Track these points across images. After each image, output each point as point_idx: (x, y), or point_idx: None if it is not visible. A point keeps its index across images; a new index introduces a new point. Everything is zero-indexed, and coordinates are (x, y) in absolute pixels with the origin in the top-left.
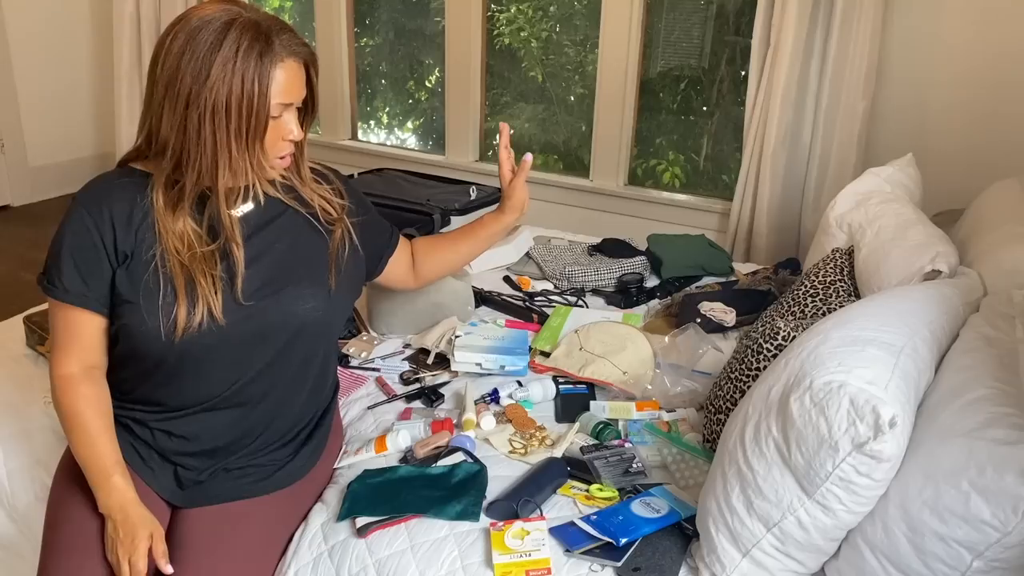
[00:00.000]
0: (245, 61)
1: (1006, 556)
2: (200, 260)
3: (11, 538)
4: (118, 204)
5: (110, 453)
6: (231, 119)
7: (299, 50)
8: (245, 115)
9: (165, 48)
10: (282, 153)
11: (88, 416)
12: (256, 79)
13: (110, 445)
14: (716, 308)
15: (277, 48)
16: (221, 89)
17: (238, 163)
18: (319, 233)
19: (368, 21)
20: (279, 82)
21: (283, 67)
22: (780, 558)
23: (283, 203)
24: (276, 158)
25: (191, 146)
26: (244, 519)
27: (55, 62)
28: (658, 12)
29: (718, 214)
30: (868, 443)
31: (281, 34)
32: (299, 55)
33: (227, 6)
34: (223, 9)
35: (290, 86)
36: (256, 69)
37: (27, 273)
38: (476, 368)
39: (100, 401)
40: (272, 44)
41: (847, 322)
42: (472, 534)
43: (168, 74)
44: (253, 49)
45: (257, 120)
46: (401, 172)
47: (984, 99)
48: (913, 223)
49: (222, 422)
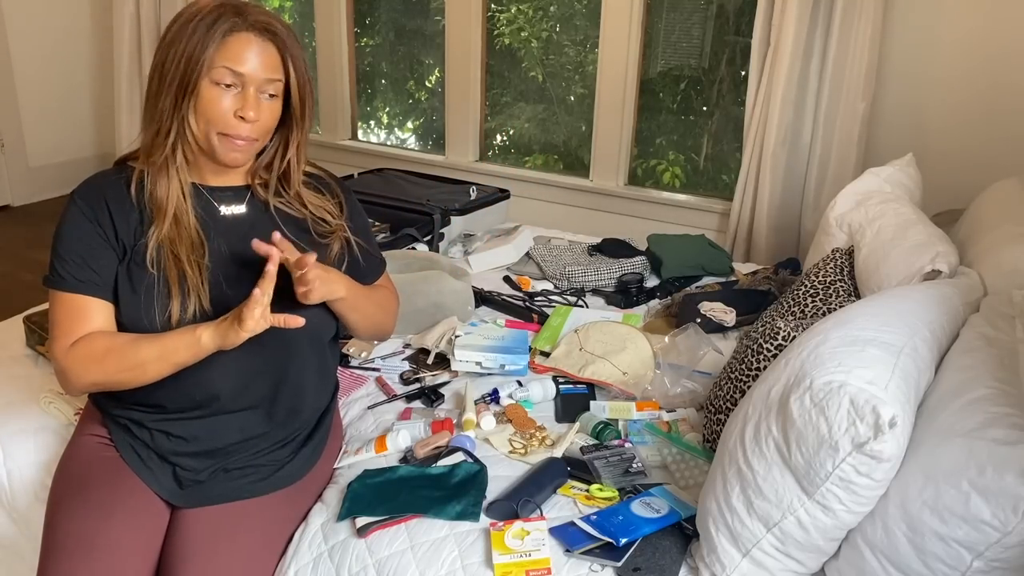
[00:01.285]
0: (200, 22)
1: (1006, 556)
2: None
3: (11, 538)
4: (115, 198)
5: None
6: (168, 73)
7: (265, 28)
8: (182, 70)
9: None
10: (233, 130)
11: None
12: (202, 36)
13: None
14: (716, 308)
15: (236, 19)
16: (173, 48)
17: (167, 121)
18: (313, 240)
19: (368, 21)
20: (231, 47)
21: (241, 37)
22: (780, 558)
23: (280, 208)
24: (223, 133)
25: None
26: (244, 519)
27: (55, 62)
28: (658, 12)
29: (718, 214)
30: (868, 443)
31: (251, 13)
32: (264, 33)
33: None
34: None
35: (245, 56)
36: (206, 27)
37: (27, 273)
38: (476, 368)
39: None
40: (232, 15)
41: (847, 322)
42: (472, 534)
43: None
44: (212, 14)
45: (187, 74)
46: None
47: (984, 99)
48: (913, 223)
49: (221, 424)
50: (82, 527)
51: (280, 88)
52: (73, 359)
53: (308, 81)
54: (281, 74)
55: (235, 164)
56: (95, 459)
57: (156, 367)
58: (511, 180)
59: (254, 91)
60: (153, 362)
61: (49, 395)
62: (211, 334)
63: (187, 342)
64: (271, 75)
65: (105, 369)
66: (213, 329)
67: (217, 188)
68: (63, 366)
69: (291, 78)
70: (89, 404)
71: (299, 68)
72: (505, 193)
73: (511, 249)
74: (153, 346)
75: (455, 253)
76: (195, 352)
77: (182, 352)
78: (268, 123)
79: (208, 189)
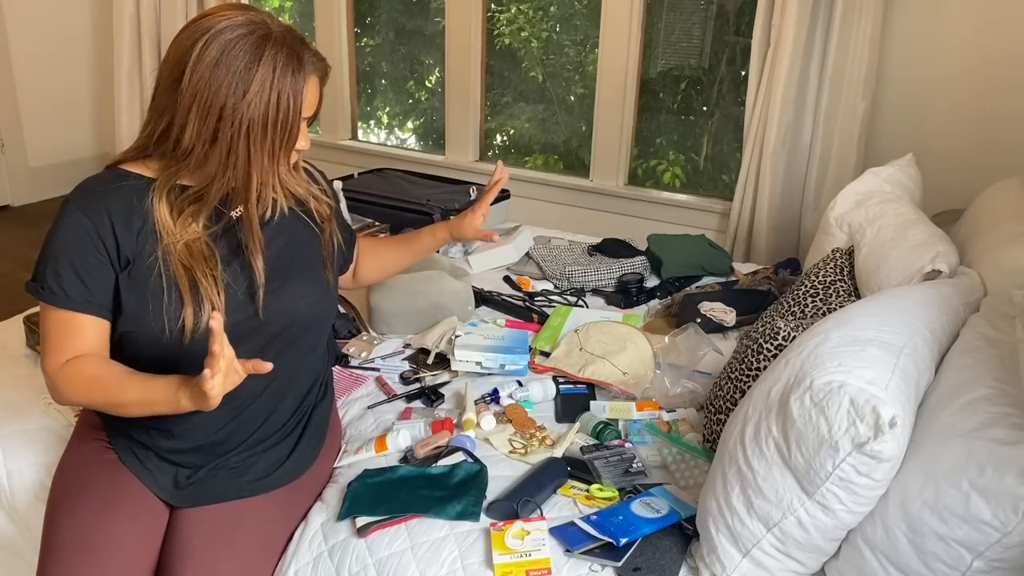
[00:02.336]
0: (283, 79)
1: (1006, 556)
2: (201, 261)
3: (11, 538)
4: (116, 208)
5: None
6: (267, 134)
7: (321, 66)
8: (280, 131)
9: (195, 56)
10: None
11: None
12: (291, 96)
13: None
14: (716, 308)
15: (307, 66)
16: (258, 105)
17: (267, 176)
18: (310, 230)
19: (368, 21)
20: (308, 97)
21: (310, 83)
22: (780, 558)
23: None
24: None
25: (221, 158)
26: (243, 519)
27: (55, 62)
28: (658, 12)
29: (718, 214)
30: (868, 443)
31: (306, 50)
32: (320, 71)
33: (250, 15)
34: (250, 20)
35: (313, 101)
36: (292, 86)
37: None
38: (476, 367)
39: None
40: (303, 62)
41: (847, 322)
42: (472, 534)
43: (199, 84)
44: (288, 67)
45: (290, 136)
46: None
47: (984, 99)
48: (913, 223)
49: (220, 417)
50: (81, 527)
51: None
52: (62, 379)
53: None
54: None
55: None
56: (94, 460)
57: (136, 410)
58: (511, 180)
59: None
60: (134, 406)
61: (49, 396)
62: (189, 399)
63: (168, 400)
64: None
65: (90, 398)
66: (189, 392)
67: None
68: (53, 382)
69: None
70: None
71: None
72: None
73: (511, 249)
74: (135, 392)
75: (455, 253)
76: (174, 410)
77: (162, 407)
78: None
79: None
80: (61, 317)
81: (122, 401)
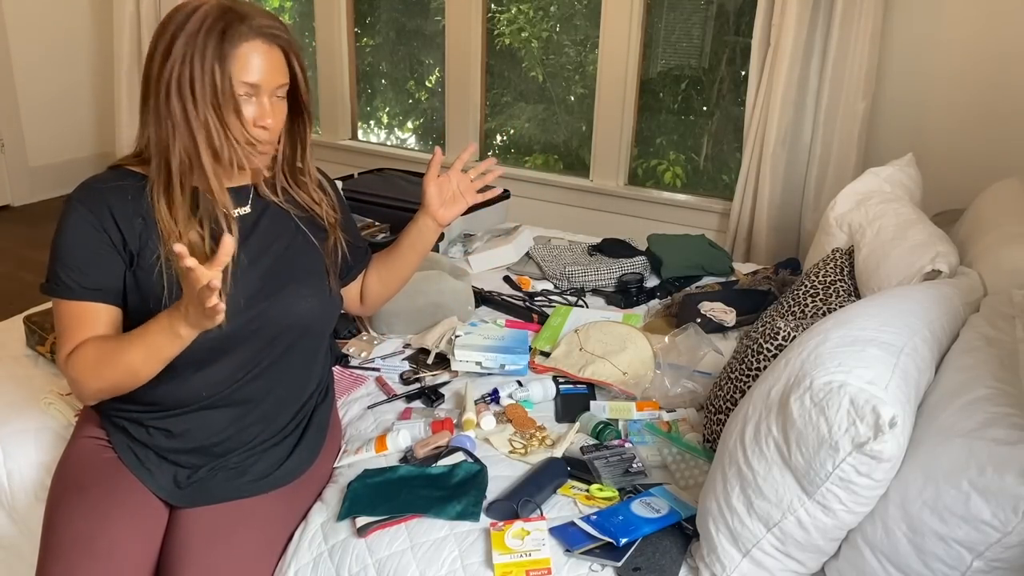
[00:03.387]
0: (207, 37)
1: (1006, 556)
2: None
3: (11, 538)
4: (118, 205)
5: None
6: (196, 93)
7: (270, 32)
8: (210, 90)
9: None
10: (255, 139)
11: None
12: (217, 55)
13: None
14: (716, 308)
15: (243, 28)
16: (184, 68)
17: (218, 138)
18: (311, 236)
19: (368, 21)
20: (244, 61)
21: (250, 47)
22: (780, 558)
23: (277, 205)
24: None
25: (168, 131)
26: (244, 519)
27: (55, 62)
28: (658, 12)
29: (718, 214)
30: (868, 443)
31: (254, 17)
32: (270, 38)
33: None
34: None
35: (257, 67)
36: (217, 44)
37: (27, 273)
38: (476, 367)
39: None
40: (237, 23)
41: (847, 322)
42: (472, 534)
43: (146, 67)
44: (216, 26)
45: (223, 94)
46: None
47: (984, 99)
48: (913, 223)
49: (220, 419)
50: (81, 527)
51: (286, 90)
52: (73, 369)
53: (306, 76)
54: (288, 77)
55: (256, 168)
56: (93, 460)
57: (148, 368)
58: (511, 180)
59: (267, 98)
60: (142, 364)
61: (49, 396)
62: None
63: (168, 337)
64: (281, 80)
65: (102, 376)
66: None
67: None
68: (68, 376)
69: (298, 78)
70: (87, 406)
71: (302, 66)
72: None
73: (511, 249)
74: (138, 349)
75: (455, 253)
76: (179, 345)
77: (166, 349)
78: (280, 124)
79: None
80: (72, 309)
81: (131, 363)
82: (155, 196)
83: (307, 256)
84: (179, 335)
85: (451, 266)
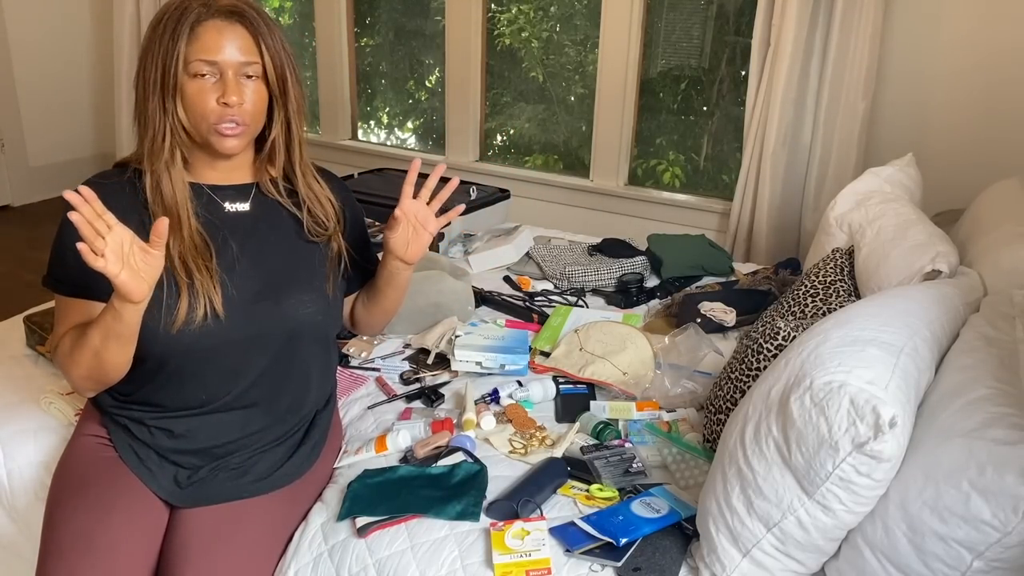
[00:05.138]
0: (168, 20)
1: (1006, 556)
2: (196, 253)
3: (11, 538)
4: (117, 199)
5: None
6: (150, 77)
7: (229, 10)
8: (160, 72)
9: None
10: (222, 119)
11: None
12: (172, 33)
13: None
14: (716, 308)
15: (200, 9)
16: (150, 52)
17: (159, 124)
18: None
19: (368, 21)
20: (201, 38)
21: (209, 25)
22: (780, 558)
23: (279, 205)
24: (214, 124)
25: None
26: (244, 519)
27: (55, 62)
28: (658, 12)
29: (718, 214)
30: (868, 443)
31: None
32: (228, 15)
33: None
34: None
35: (214, 44)
36: (174, 23)
37: (27, 273)
38: (476, 367)
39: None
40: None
41: (847, 322)
42: (472, 534)
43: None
44: (178, 9)
45: (166, 74)
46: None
47: (984, 99)
48: (913, 223)
49: (222, 422)
50: (81, 527)
51: (259, 70)
52: (58, 357)
53: (288, 57)
54: (257, 55)
55: (232, 152)
56: (94, 459)
57: (108, 349)
58: (511, 180)
59: (232, 75)
60: (101, 344)
61: (49, 395)
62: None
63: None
64: (246, 58)
65: (77, 361)
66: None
67: (219, 187)
68: (57, 365)
69: (265, 57)
70: (88, 404)
71: (272, 46)
72: (505, 193)
73: (511, 249)
74: (95, 329)
75: (455, 253)
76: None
77: (113, 325)
78: (255, 105)
79: (211, 188)
80: (68, 302)
81: (92, 343)
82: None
83: (308, 260)
84: (114, 307)
85: (451, 266)
